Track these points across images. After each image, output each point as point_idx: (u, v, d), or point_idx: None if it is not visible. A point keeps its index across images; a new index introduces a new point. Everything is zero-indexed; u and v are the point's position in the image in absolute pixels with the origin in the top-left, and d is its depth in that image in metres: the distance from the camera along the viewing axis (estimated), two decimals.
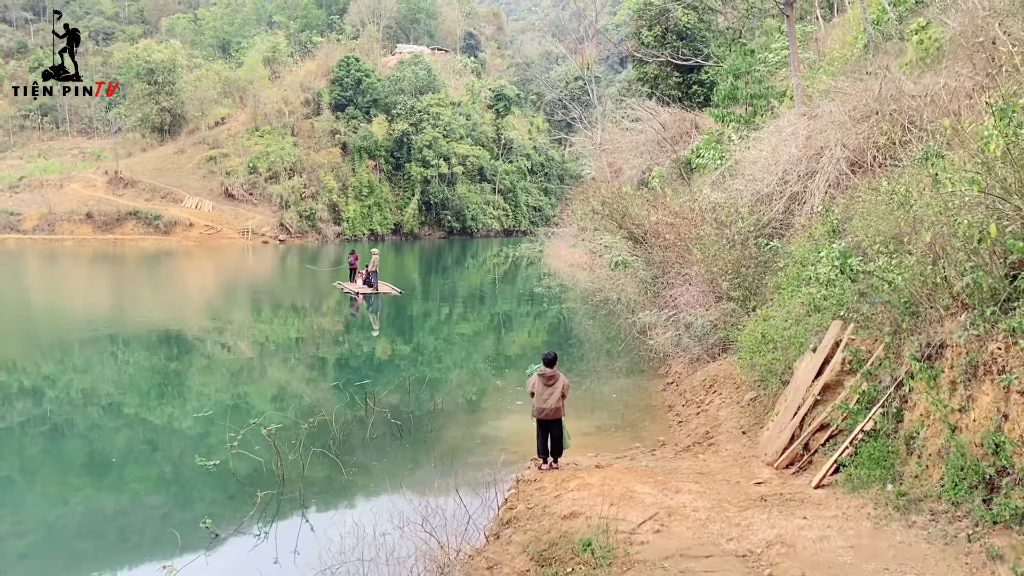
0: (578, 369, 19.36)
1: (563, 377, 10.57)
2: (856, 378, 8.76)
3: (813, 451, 8.78)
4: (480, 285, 45.43)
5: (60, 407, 15.99)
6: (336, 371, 19.77)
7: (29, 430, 14.46)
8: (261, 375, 19.48)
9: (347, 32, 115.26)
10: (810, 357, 9.88)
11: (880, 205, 9.42)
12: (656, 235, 19.88)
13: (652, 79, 48.58)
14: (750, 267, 15.31)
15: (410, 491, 10.38)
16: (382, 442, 12.80)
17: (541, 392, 10.37)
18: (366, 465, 11.78)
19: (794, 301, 11.07)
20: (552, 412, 10.41)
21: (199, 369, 19.83)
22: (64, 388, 17.64)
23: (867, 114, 17.36)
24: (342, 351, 22.72)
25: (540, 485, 9.43)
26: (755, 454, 9.85)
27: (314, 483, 11.02)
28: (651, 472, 9.39)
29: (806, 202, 16.99)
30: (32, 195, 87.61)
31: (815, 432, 8.91)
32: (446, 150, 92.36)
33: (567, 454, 11.25)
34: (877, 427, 7.87)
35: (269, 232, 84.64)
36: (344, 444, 12.47)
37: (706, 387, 14.10)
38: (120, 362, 20.54)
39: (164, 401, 16.45)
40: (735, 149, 22.17)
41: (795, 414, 9.41)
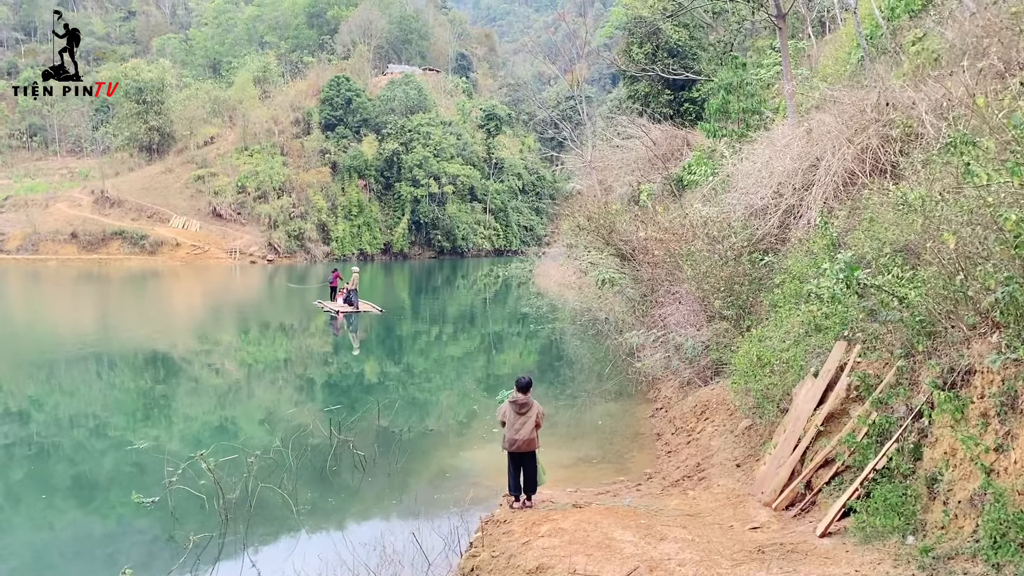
0: (563, 394, 18.33)
1: (537, 405, 9.51)
2: (864, 407, 7.73)
3: (816, 490, 7.72)
4: (470, 305, 44.38)
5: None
6: (312, 394, 18.68)
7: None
8: (231, 399, 18.33)
9: (338, 52, 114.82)
10: (811, 382, 8.85)
11: (889, 212, 8.44)
12: (644, 251, 18.90)
13: (643, 96, 47.91)
14: (744, 284, 14.31)
15: (367, 533, 9.27)
16: (342, 475, 11.68)
17: (512, 422, 9.31)
18: (321, 502, 10.67)
19: (792, 320, 10.06)
20: (525, 444, 9.34)
21: (159, 394, 18.66)
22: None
23: (865, 124, 16.49)
24: (320, 373, 21.64)
25: (508, 528, 8.34)
26: (751, 492, 8.78)
27: (261, 523, 9.89)
28: (633, 514, 8.31)
29: (802, 216, 16.06)
30: (16, 215, 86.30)
31: (818, 468, 7.86)
32: (436, 169, 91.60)
33: (543, 489, 10.17)
34: (892, 465, 6.83)
35: (257, 252, 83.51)
36: (300, 477, 11.35)
37: (697, 413, 13.04)
38: (82, 383, 19.38)
39: (113, 428, 15.30)
40: (727, 163, 21.30)
41: (795, 447, 8.37)
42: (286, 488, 10.72)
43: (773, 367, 9.80)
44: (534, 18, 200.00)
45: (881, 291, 7.14)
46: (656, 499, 9.59)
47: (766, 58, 36.20)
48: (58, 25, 37.98)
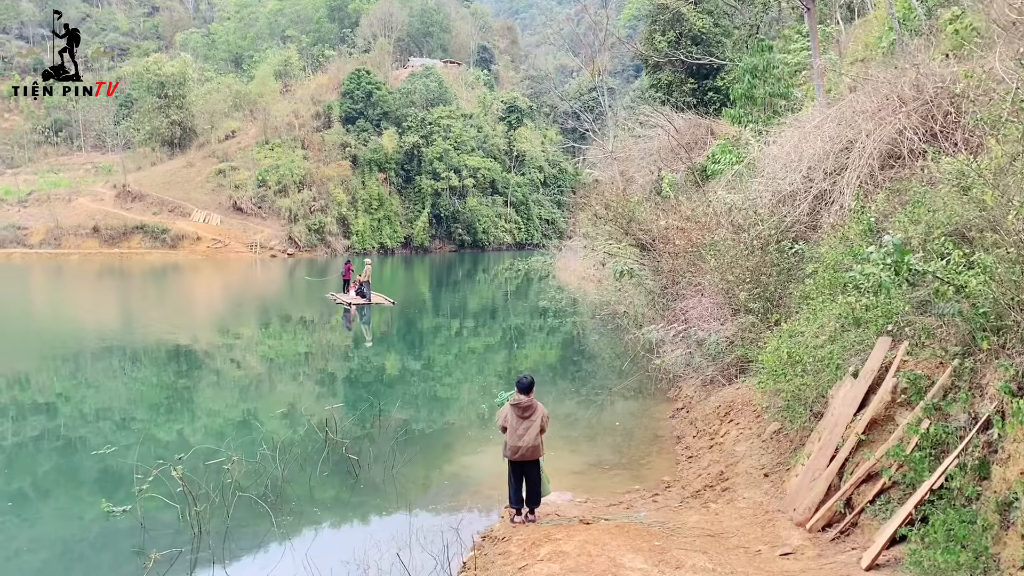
0: (579, 392, 17.37)
1: (541, 407, 8.56)
2: (914, 413, 6.68)
3: (858, 510, 6.69)
4: (491, 299, 43.56)
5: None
6: (322, 390, 17.86)
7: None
8: (231, 396, 17.53)
9: (359, 46, 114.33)
10: (850, 384, 7.81)
11: (938, 192, 7.37)
12: (665, 241, 17.84)
13: (666, 86, 46.72)
14: (771, 275, 13.24)
15: (351, 549, 8.35)
16: (333, 481, 10.78)
17: (515, 427, 8.36)
18: (305, 512, 9.76)
19: (827, 313, 8.99)
20: (529, 452, 8.39)
21: (172, 388, 17.86)
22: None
23: (901, 103, 15.32)
24: (331, 368, 20.89)
25: (505, 548, 7.40)
26: (781, 508, 7.75)
27: (238, 535, 9.01)
28: (647, 533, 7.31)
29: (834, 201, 14.95)
30: (40, 209, 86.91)
31: (860, 484, 6.83)
32: (457, 162, 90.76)
33: (550, 497, 9.24)
34: (953, 485, 5.79)
35: (277, 246, 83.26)
36: (287, 485, 10.47)
37: (720, 415, 12.00)
38: (102, 376, 18.69)
39: (105, 425, 14.52)
40: (753, 148, 20.19)
41: (832, 458, 7.34)
42: (269, 496, 9.85)
43: (805, 366, 8.75)
44: (556, 10, 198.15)
45: (936, 279, 6.10)
46: (674, 513, 8.59)
47: (793, 43, 34.93)
48: (58, 25, 37.78)
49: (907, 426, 6.54)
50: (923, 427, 6.38)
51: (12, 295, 42.01)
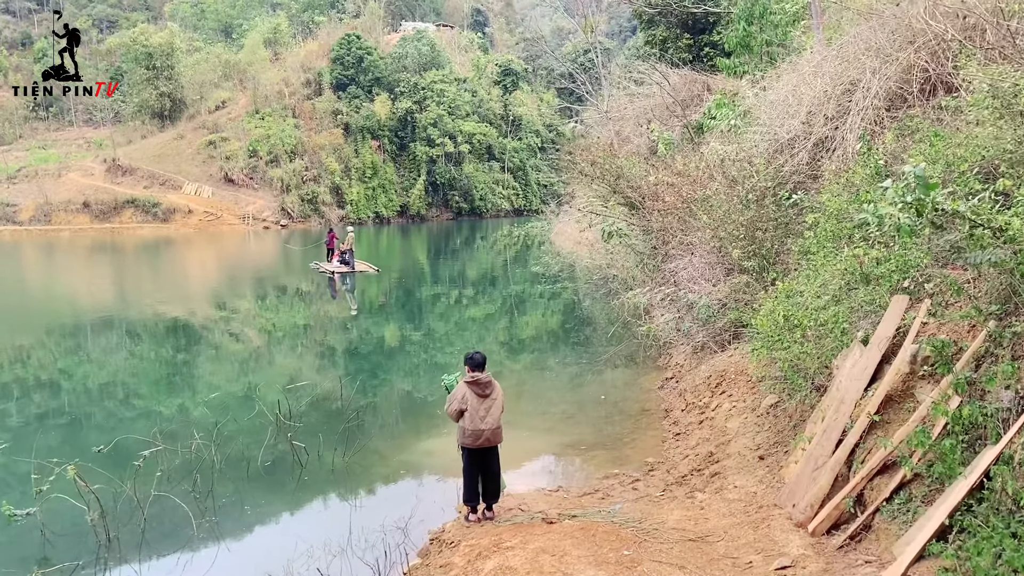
0: (562, 362, 16.14)
1: (498, 384, 7.34)
2: (941, 388, 5.41)
3: (872, 509, 5.45)
4: (491, 266, 42.44)
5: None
6: (298, 364, 16.71)
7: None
8: (190, 372, 16.30)
9: (349, 11, 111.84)
10: (859, 352, 6.54)
11: (974, 113, 6.02)
12: (655, 198, 16.49)
13: (661, 42, 44.90)
14: (768, 229, 11.92)
15: (274, 559, 7.14)
16: (275, 473, 9.58)
17: (476, 408, 7.15)
18: (234, 511, 8.56)
19: (831, 269, 7.69)
20: (493, 434, 7.26)
21: (144, 360, 16.65)
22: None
23: (911, 37, 13.88)
24: (315, 338, 19.79)
25: (449, 560, 6.20)
26: (777, 501, 6.52)
27: (152, 542, 7.81)
28: (617, 537, 6.08)
29: (836, 148, 13.59)
30: (29, 186, 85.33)
31: (873, 476, 5.59)
32: (452, 128, 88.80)
33: (518, 485, 8.10)
34: (994, 485, 4.54)
35: (270, 217, 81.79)
36: (222, 478, 9.26)
37: (712, 386, 10.77)
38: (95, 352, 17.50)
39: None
40: (749, 97, 18.78)
41: (838, 443, 6.10)
42: (196, 492, 8.65)
43: (805, 331, 7.47)
44: None
45: (967, 220, 4.80)
46: (654, 505, 7.37)
47: None
48: (58, 25, 36.69)
49: (932, 405, 5.27)
50: (952, 406, 5.12)
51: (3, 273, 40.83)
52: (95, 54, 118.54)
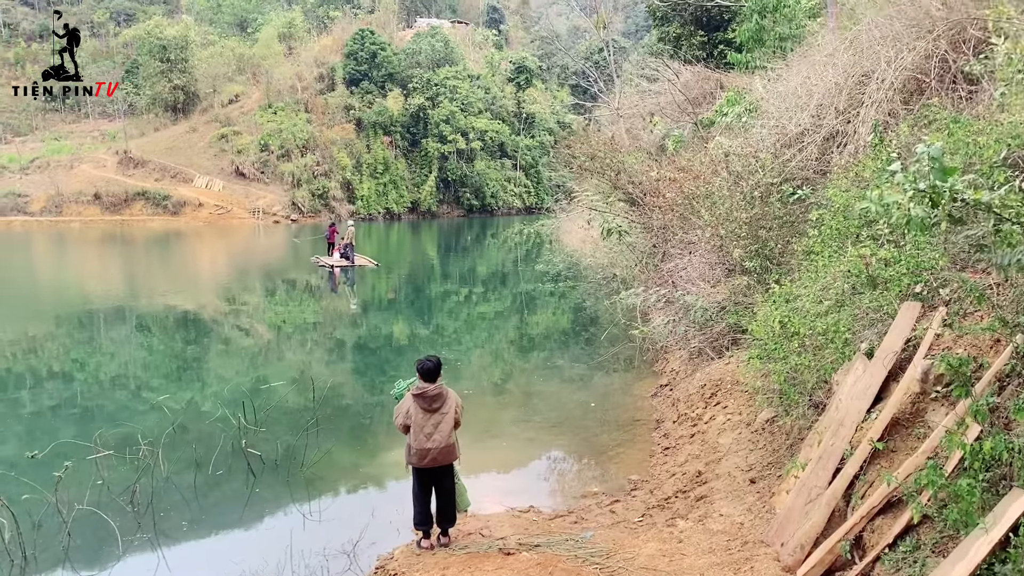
0: (555, 365, 15.33)
1: (453, 395, 6.53)
2: (956, 413, 4.57)
3: (873, 556, 4.59)
4: (501, 264, 41.80)
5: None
6: (294, 359, 16.05)
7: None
8: (178, 366, 15.61)
9: (364, 6, 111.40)
10: (862, 367, 5.70)
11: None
12: (656, 194, 15.64)
13: (674, 39, 44.04)
14: (772, 228, 11.05)
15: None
16: (227, 484, 8.81)
17: (421, 424, 6.33)
18: (171, 529, 7.79)
19: (834, 270, 6.84)
20: (442, 454, 6.39)
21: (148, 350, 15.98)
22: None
23: (930, 25, 12.99)
24: (312, 334, 19.16)
25: None
26: (765, 538, 5.68)
27: (76, 560, 7.06)
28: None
29: (847, 143, 12.72)
30: (41, 177, 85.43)
31: (874, 515, 4.75)
32: (464, 125, 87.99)
33: (486, 503, 7.30)
34: (1021, 541, 3.69)
35: (280, 212, 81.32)
36: (165, 489, 8.51)
37: (705, 396, 9.92)
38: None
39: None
40: (758, 90, 17.88)
41: (835, 472, 5.26)
42: (131, 507, 7.90)
43: (803, 340, 6.62)
44: None
45: (993, 213, 3.96)
46: (629, 533, 6.55)
47: None
48: (58, 25, 36.45)
49: (946, 434, 4.43)
50: (970, 437, 4.28)
51: (13, 263, 40.49)
52: (111, 47, 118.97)
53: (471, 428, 10.96)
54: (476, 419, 11.61)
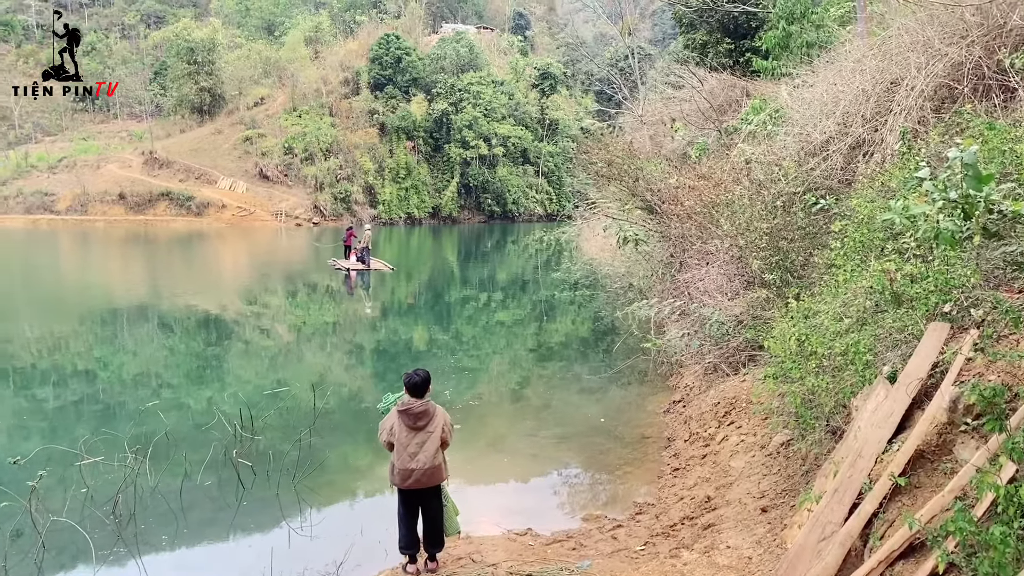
0: (564, 377, 14.90)
1: (442, 412, 6.13)
2: (988, 449, 4.11)
3: None
4: (521, 271, 41.55)
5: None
6: (314, 361, 15.82)
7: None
8: (195, 367, 15.40)
9: (391, 11, 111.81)
10: (884, 392, 5.24)
11: None
12: (674, 202, 15.18)
13: (700, 46, 43.56)
14: (793, 239, 10.57)
15: None
16: (209, 497, 8.46)
17: (405, 442, 5.95)
18: (152, 542, 7.45)
19: (855, 285, 6.38)
20: (427, 475, 5.99)
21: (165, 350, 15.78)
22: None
23: (963, 31, 12.46)
24: (324, 340, 18.99)
25: None
26: (774, 573, 5.22)
27: (49, 573, 6.73)
28: None
29: (874, 152, 12.20)
30: (68, 176, 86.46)
31: (894, 560, 4.29)
32: (487, 130, 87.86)
33: (481, 523, 6.89)
34: None
35: (303, 215, 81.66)
36: (154, 497, 8.19)
37: (719, 415, 9.46)
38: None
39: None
40: (783, 96, 17.39)
41: (852, 508, 4.80)
42: (112, 518, 7.58)
43: (821, 360, 6.15)
44: None
45: None
46: (629, 563, 6.12)
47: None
48: (58, 25, 36.80)
49: (976, 473, 3.98)
50: (1004, 478, 3.82)
51: (39, 262, 40.80)
52: (141, 49, 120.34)
53: (475, 441, 10.60)
54: (482, 431, 11.23)
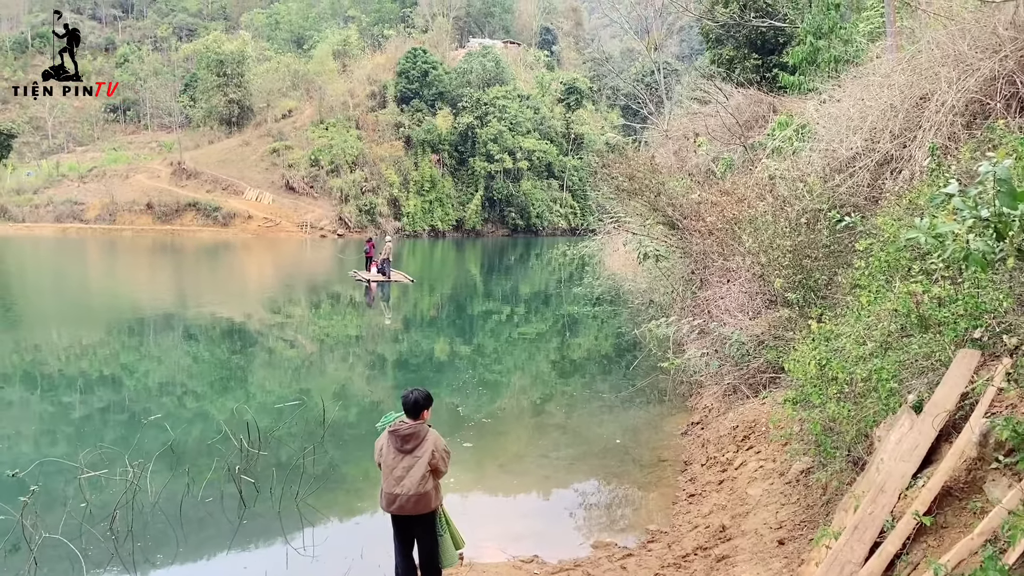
0: (582, 395, 14.60)
1: (435, 436, 5.82)
2: (1022, 489, 3.80)
3: None
4: (544, 285, 41.37)
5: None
6: (336, 373, 15.70)
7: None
8: (218, 377, 15.35)
9: (418, 26, 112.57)
10: (909, 422, 4.93)
11: None
12: (696, 217, 14.88)
13: (727, 61, 43.26)
14: (817, 257, 10.25)
15: None
16: (209, 515, 8.26)
17: (392, 465, 5.69)
18: (148, 561, 7.25)
19: (880, 308, 6.06)
20: (412, 503, 5.67)
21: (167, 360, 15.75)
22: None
23: (996, 45, 12.10)
24: (345, 351, 18.98)
25: None
26: None
27: None
28: None
29: (902, 169, 11.84)
30: (97, 185, 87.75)
31: None
32: (512, 144, 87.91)
33: (475, 559, 6.60)
34: None
35: (328, 226, 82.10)
36: (154, 513, 8.01)
37: (737, 439, 9.13)
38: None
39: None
40: (809, 111, 17.08)
41: (874, 547, 4.49)
42: (116, 533, 7.40)
43: (843, 385, 5.84)
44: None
45: None
46: None
47: (867, 10, 31.52)
48: (58, 25, 37.34)
49: (1008, 516, 3.67)
50: None
51: (68, 270, 41.35)
52: (172, 60, 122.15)
53: (486, 461, 10.35)
54: (494, 451, 10.98)
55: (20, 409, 12.85)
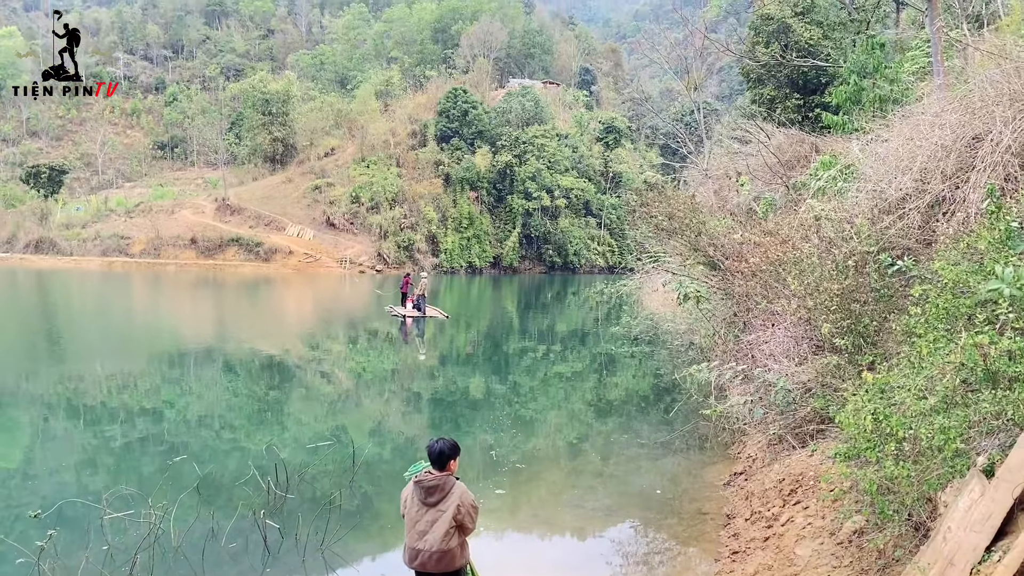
0: (621, 440, 14.17)
1: (462, 489, 5.48)
2: None
3: None
4: (581, 323, 41.07)
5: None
6: (373, 408, 15.58)
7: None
8: (256, 410, 15.27)
9: (459, 66, 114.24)
10: (980, 489, 4.53)
11: None
12: (738, 258, 14.49)
13: (768, 101, 43.02)
14: (867, 302, 9.81)
15: None
16: (238, 561, 8.00)
17: (415, 518, 5.39)
18: None
19: (941, 360, 5.67)
20: (435, 560, 5.33)
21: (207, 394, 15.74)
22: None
23: None
24: (380, 387, 18.91)
25: None
26: None
27: None
28: None
29: (955, 211, 11.38)
30: (143, 220, 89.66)
31: None
32: (550, 182, 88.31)
33: None
34: None
35: (367, 262, 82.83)
36: (177, 558, 7.79)
37: (784, 493, 8.66)
38: None
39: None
40: (855, 150, 16.71)
41: None
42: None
43: (902, 442, 5.44)
44: (665, 34, 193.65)
45: None
46: None
47: (912, 51, 31.06)
48: (58, 25, 38.13)
49: None
50: None
51: (113, 303, 42.09)
52: (220, 99, 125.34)
53: (516, 510, 9.99)
54: (525, 499, 10.62)
55: (64, 442, 12.83)
